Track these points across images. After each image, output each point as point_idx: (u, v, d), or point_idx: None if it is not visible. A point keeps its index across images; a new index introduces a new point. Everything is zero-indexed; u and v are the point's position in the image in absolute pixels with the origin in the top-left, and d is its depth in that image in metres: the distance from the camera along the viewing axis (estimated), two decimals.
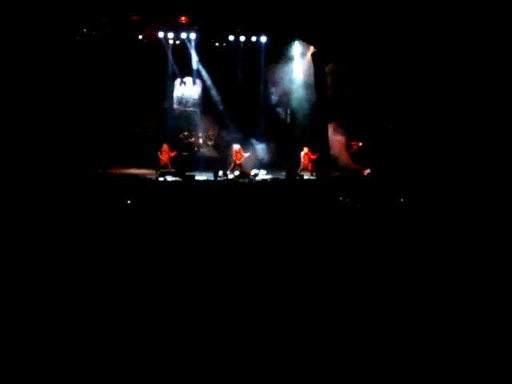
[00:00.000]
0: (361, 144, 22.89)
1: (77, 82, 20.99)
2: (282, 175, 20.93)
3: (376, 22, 20.01)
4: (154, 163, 21.78)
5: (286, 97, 24.29)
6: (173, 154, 22.10)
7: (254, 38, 23.65)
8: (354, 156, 22.72)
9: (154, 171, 21.10)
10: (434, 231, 10.98)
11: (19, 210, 11.80)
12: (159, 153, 21.88)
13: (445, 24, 19.26)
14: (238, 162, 22.17)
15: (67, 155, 19.00)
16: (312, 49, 22.37)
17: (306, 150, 22.21)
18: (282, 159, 22.98)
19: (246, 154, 22.34)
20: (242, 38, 23.56)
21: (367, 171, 21.50)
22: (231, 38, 23.44)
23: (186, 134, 23.83)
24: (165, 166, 21.62)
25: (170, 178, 19.87)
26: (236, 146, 22.42)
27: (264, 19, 22.04)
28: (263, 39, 23.56)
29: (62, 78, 20.30)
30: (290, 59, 24.16)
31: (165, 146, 22.04)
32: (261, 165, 22.49)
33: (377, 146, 22.03)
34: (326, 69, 21.11)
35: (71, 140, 19.95)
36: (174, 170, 20.73)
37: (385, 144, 21.69)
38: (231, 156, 22.43)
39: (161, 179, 19.83)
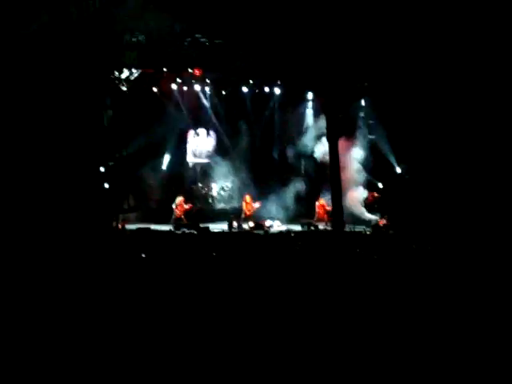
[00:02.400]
0: (376, 195, 22.76)
1: (91, 134, 21.07)
2: (298, 226, 20.80)
3: (384, 75, 20.14)
4: (168, 215, 21.71)
5: (299, 146, 24.23)
6: (188, 207, 22.04)
7: (266, 89, 23.81)
8: (369, 207, 22.57)
9: (168, 224, 20.96)
10: (452, 284, 10.82)
11: (35, 265, 11.72)
12: (174, 206, 21.82)
13: (453, 79, 19.34)
14: (248, 212, 22.09)
15: (82, 208, 18.96)
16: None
17: (321, 200, 22.12)
18: (297, 210, 22.81)
19: (257, 205, 22.24)
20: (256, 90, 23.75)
21: (383, 222, 21.35)
22: (244, 89, 23.58)
23: (199, 185, 23.74)
24: (179, 219, 21.54)
25: (185, 231, 19.77)
26: (247, 197, 22.38)
27: (276, 72, 22.25)
28: (277, 91, 23.71)
29: (78, 131, 20.40)
30: (304, 109, 24.25)
31: (180, 199, 21.98)
32: (275, 216, 22.29)
33: (393, 197, 21.91)
34: None
35: (86, 193, 19.94)
36: (188, 223, 20.66)
37: (401, 194, 21.58)
38: (242, 207, 22.37)
39: (176, 232, 19.75)
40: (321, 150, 23.04)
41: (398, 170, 22.67)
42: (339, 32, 19.40)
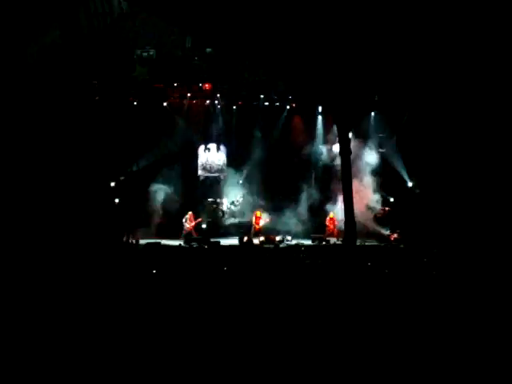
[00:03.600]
0: (387, 209, 22.66)
1: (102, 149, 21.14)
2: (308, 241, 20.73)
3: (394, 89, 20.14)
4: (178, 230, 21.70)
5: (311, 161, 24.18)
6: (197, 222, 22.03)
7: (277, 104, 23.84)
8: (381, 221, 22.46)
9: (178, 239, 20.89)
10: (461, 297, 10.76)
11: (46, 279, 11.73)
12: (184, 220, 21.81)
13: (462, 94, 19.31)
14: (257, 227, 22.06)
15: (93, 223, 18.99)
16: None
17: (331, 214, 22.05)
18: (307, 225, 22.71)
19: (266, 220, 22.19)
20: (266, 103, 23.77)
21: (394, 236, 21.26)
22: (255, 103, 23.62)
23: (210, 200, 23.70)
24: (189, 234, 21.52)
25: (195, 245, 19.73)
26: (257, 212, 22.36)
27: (287, 87, 22.28)
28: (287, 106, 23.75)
29: (89, 145, 20.48)
30: (314, 124, 24.24)
31: (190, 214, 21.97)
32: (286, 231, 22.18)
33: (404, 211, 21.82)
34: None
35: (96, 208, 19.97)
36: (199, 237, 20.62)
37: (412, 209, 21.50)
38: (252, 221, 22.32)
39: (186, 246, 19.71)
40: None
41: (409, 184, 22.59)
42: (349, 46, 19.40)
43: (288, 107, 23.88)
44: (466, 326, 8.55)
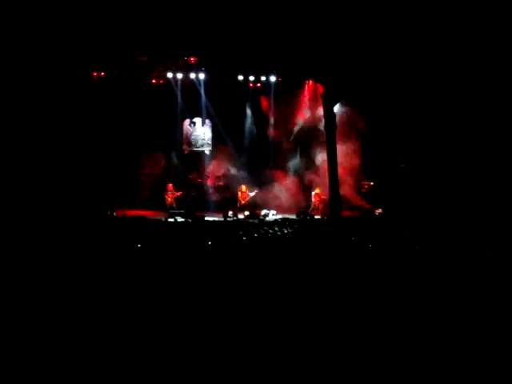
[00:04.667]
0: (372, 183, 22.72)
1: (85, 123, 20.99)
2: (293, 215, 20.76)
3: (384, 62, 20.07)
4: (161, 205, 21.68)
5: (295, 136, 24.12)
6: (178, 194, 22.00)
7: (263, 78, 23.68)
8: (366, 196, 22.53)
9: (162, 212, 20.87)
10: (445, 272, 10.82)
11: (28, 252, 11.68)
12: (164, 193, 21.79)
13: (452, 64, 19.33)
14: (242, 201, 22.06)
15: (75, 197, 18.90)
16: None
17: (317, 189, 22.06)
18: (292, 199, 22.74)
19: (252, 194, 22.19)
20: (252, 78, 23.60)
21: (379, 211, 21.35)
22: (240, 77, 23.46)
23: (195, 174, 23.64)
24: (171, 207, 21.51)
25: (179, 219, 19.70)
26: (242, 186, 22.34)
27: (274, 60, 22.12)
28: (272, 79, 23.58)
29: (71, 119, 20.33)
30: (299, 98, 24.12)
31: (169, 186, 21.94)
32: (271, 205, 22.21)
33: (388, 186, 21.89)
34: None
35: (79, 181, 19.87)
36: (183, 211, 20.59)
37: (396, 183, 21.57)
38: (238, 196, 22.32)
39: (170, 220, 19.67)
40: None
41: (394, 159, 22.61)
42: (340, 20, 19.36)
43: (274, 81, 23.70)
44: (450, 303, 8.59)
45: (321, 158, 22.43)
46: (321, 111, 21.59)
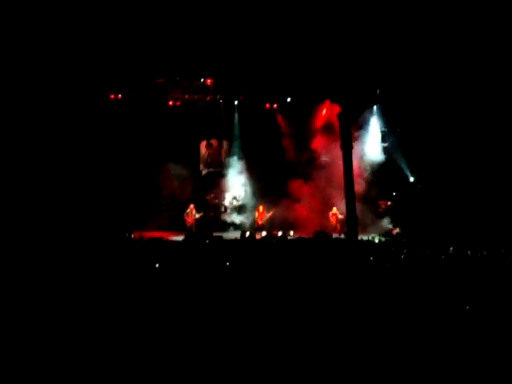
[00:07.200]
0: (389, 203, 22.67)
1: (105, 145, 21.17)
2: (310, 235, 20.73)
3: (399, 83, 20.15)
4: (180, 226, 21.71)
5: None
6: (198, 216, 22.03)
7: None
8: (382, 215, 22.47)
9: (180, 234, 20.89)
10: (462, 291, 10.76)
11: (49, 276, 11.74)
12: (185, 214, 21.82)
13: (466, 89, 19.34)
14: (260, 222, 22.08)
15: (94, 219, 19.01)
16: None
17: (334, 209, 22.04)
18: (309, 219, 22.69)
19: (268, 214, 22.21)
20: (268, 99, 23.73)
21: (396, 230, 21.27)
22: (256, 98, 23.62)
23: (212, 195, 23.71)
24: (191, 228, 21.54)
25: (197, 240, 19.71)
26: (260, 207, 22.38)
27: (290, 82, 22.25)
28: (288, 99, 23.70)
29: (90, 141, 20.51)
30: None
31: (191, 207, 21.98)
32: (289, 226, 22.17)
33: (406, 206, 21.83)
34: None
35: (98, 204, 20.00)
36: (200, 232, 20.62)
37: (414, 203, 21.51)
38: (255, 216, 22.33)
39: (188, 241, 19.69)
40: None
41: (411, 178, 22.58)
42: (351, 40, 19.44)
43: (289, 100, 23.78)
44: (465, 320, 8.55)
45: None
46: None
